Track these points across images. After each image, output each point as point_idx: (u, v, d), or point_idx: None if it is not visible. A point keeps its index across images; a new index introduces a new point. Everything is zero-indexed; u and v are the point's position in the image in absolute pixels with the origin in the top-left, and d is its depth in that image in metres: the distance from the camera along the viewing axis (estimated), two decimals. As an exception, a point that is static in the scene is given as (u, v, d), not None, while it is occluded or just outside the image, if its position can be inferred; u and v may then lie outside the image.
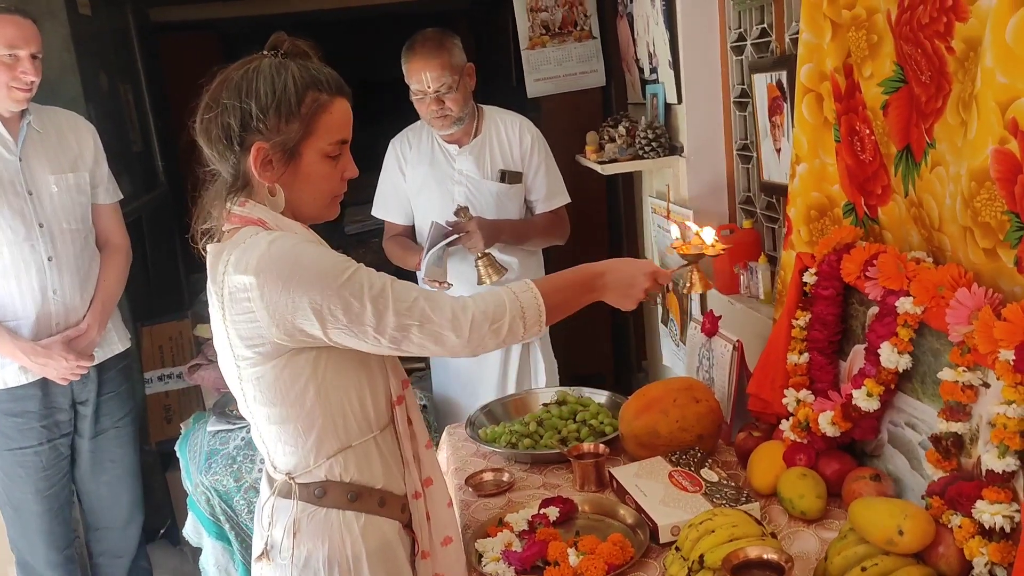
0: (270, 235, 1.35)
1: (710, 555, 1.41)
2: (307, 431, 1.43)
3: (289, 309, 1.32)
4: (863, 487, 1.55)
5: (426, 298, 1.39)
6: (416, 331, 1.37)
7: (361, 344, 1.37)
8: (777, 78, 2.18)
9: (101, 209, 2.62)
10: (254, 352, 1.39)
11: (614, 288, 1.58)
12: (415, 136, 2.72)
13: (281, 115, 1.36)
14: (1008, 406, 1.25)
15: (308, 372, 1.40)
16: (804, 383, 1.77)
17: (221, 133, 1.38)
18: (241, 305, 1.36)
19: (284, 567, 1.46)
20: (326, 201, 1.46)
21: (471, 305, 1.41)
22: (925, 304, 1.49)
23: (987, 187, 1.32)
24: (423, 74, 2.46)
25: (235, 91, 1.37)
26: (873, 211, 1.77)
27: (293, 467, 1.46)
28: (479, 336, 1.41)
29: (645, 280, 1.59)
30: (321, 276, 1.32)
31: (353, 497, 1.45)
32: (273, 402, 1.42)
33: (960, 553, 1.29)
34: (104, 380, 2.65)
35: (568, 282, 1.57)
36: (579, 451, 1.90)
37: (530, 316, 1.45)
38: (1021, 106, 1.22)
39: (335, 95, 1.40)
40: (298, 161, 1.39)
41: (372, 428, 1.48)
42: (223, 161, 1.41)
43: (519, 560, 1.56)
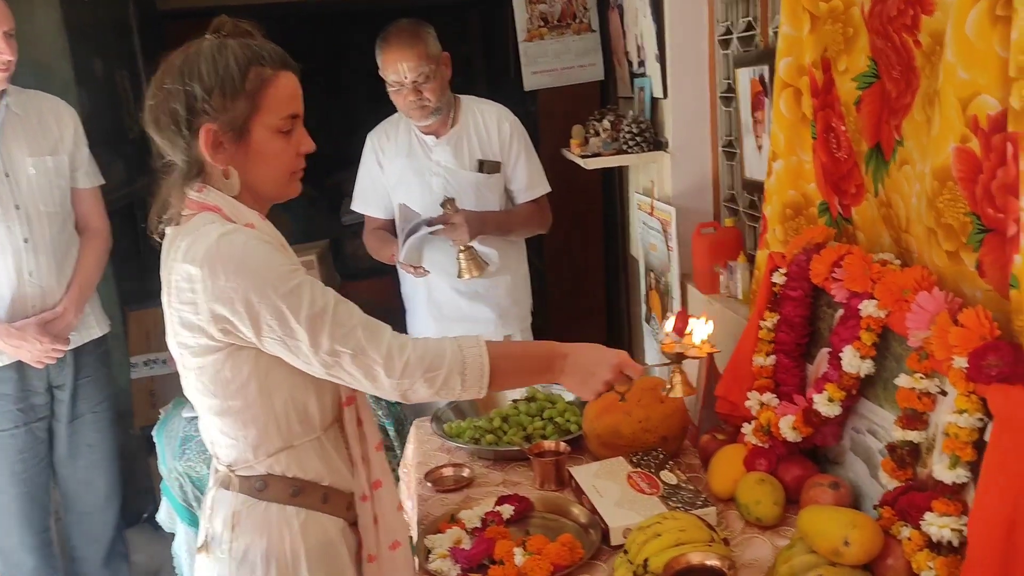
0: (222, 228, 1.32)
1: (654, 559, 1.38)
2: (247, 427, 1.40)
3: (227, 307, 1.29)
4: (820, 494, 1.51)
5: (365, 328, 1.34)
6: (349, 360, 1.32)
7: (293, 359, 1.34)
8: (760, 73, 2.12)
9: (81, 193, 2.61)
10: (196, 342, 1.36)
11: (572, 374, 1.47)
12: (392, 128, 2.68)
13: (226, 94, 1.32)
14: (960, 415, 1.20)
15: (249, 368, 1.37)
16: (769, 386, 1.73)
17: (168, 120, 1.35)
18: (184, 295, 1.33)
19: (222, 560, 1.42)
20: (284, 179, 1.42)
21: (410, 348, 1.36)
22: (889, 308, 1.44)
23: (949, 187, 1.27)
24: (399, 65, 2.43)
25: (177, 75, 1.34)
26: (847, 211, 1.72)
27: (234, 460, 1.43)
28: (410, 381, 1.35)
29: (608, 372, 1.46)
30: (263, 281, 1.29)
31: (295, 492, 1.42)
32: (214, 394, 1.39)
33: (908, 566, 1.25)
34: (81, 364, 2.63)
35: (525, 354, 1.52)
36: (540, 449, 1.86)
37: (471, 374, 1.38)
38: (982, 103, 1.17)
39: (279, 69, 1.37)
40: (249, 139, 1.36)
41: (316, 429, 1.44)
42: (174, 148, 1.38)
43: (465, 558, 1.53)
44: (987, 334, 1.18)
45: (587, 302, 4.24)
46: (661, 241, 2.59)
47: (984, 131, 1.17)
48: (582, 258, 4.18)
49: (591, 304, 4.25)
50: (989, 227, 1.22)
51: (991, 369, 1.14)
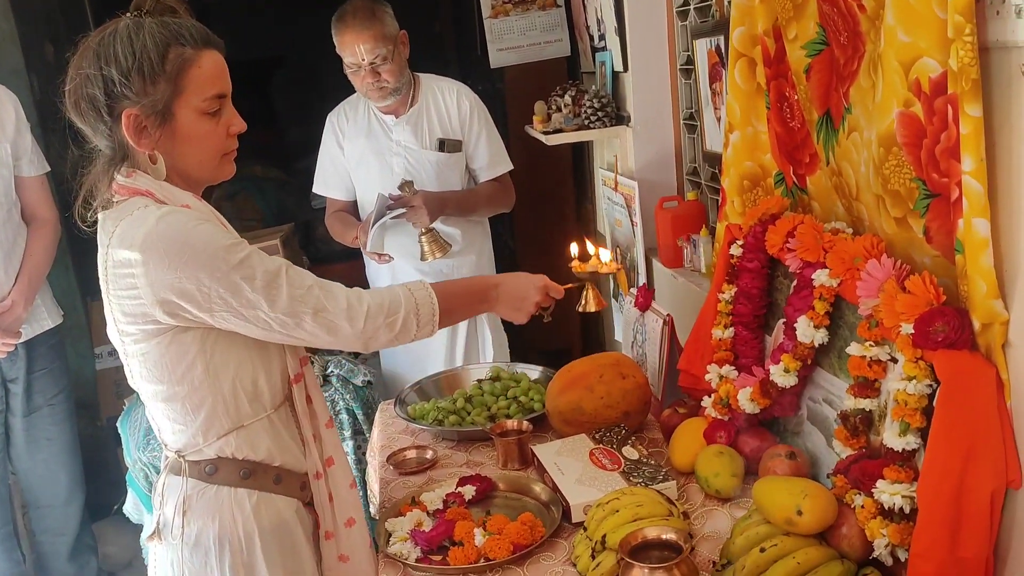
0: (159, 210, 1.29)
1: (612, 535, 1.37)
2: (195, 410, 1.38)
3: (174, 290, 1.27)
4: (778, 465, 1.51)
5: (320, 287, 1.36)
6: (309, 319, 1.34)
7: (250, 328, 1.33)
8: (716, 43, 2.11)
9: (26, 182, 2.55)
10: (138, 328, 1.33)
11: (506, 300, 1.60)
12: (351, 109, 2.66)
13: (145, 76, 1.28)
14: (909, 382, 1.19)
15: (195, 349, 1.34)
16: (728, 358, 1.72)
17: (88, 105, 1.31)
18: (124, 281, 1.30)
19: (174, 546, 1.42)
20: (215, 161, 1.39)
21: (367, 297, 1.40)
22: (841, 276, 1.44)
23: (895, 152, 1.26)
24: (356, 47, 2.40)
25: (94, 58, 1.29)
26: (802, 180, 1.71)
27: (183, 445, 1.41)
28: (373, 328, 1.39)
29: (537, 294, 1.61)
30: (212, 258, 1.27)
31: (246, 474, 1.41)
32: (159, 379, 1.36)
33: (863, 534, 1.25)
34: (34, 357, 2.59)
35: (463, 289, 1.63)
36: (502, 428, 1.85)
37: (424, 314, 1.44)
38: (924, 66, 1.15)
39: (201, 48, 1.33)
40: (173, 122, 1.32)
41: (266, 408, 1.43)
42: (98, 135, 1.34)
43: (425, 540, 1.52)
44: (933, 300, 1.18)
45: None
46: (625, 216, 2.57)
47: (927, 95, 1.16)
48: (554, 235, 4.15)
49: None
50: (935, 192, 1.21)
51: (937, 335, 1.14)
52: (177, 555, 1.42)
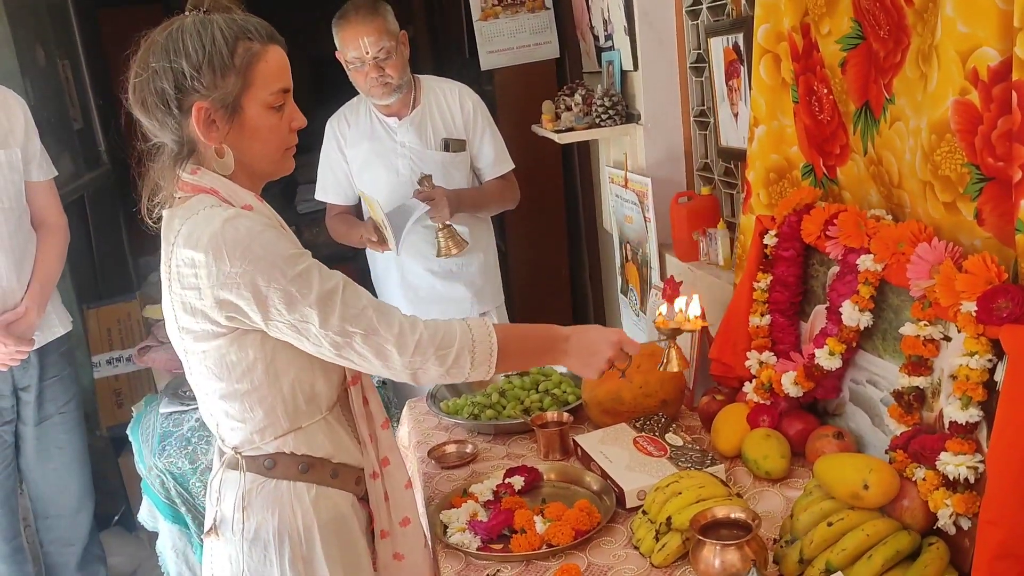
0: (226, 212, 1.30)
1: (677, 516, 1.41)
2: (254, 409, 1.39)
3: (234, 294, 1.28)
4: (826, 445, 1.56)
5: (376, 309, 1.34)
6: (360, 340, 1.32)
7: (302, 342, 1.32)
8: (734, 41, 2.16)
9: (35, 187, 2.51)
10: (199, 327, 1.34)
11: (576, 355, 1.51)
12: (352, 113, 2.65)
13: (215, 70, 1.30)
14: (971, 357, 1.25)
15: (255, 351, 1.35)
16: (766, 345, 1.77)
17: (156, 100, 1.32)
18: (187, 280, 1.31)
19: (234, 541, 1.42)
20: (278, 155, 1.40)
21: (421, 327, 1.37)
22: (885, 261, 1.49)
23: (947, 140, 1.32)
24: (360, 40, 2.40)
25: (163, 53, 1.30)
26: (832, 171, 1.76)
27: (240, 442, 1.42)
28: (422, 359, 1.35)
29: (610, 349, 1.50)
30: (271, 267, 1.27)
31: (304, 468, 1.42)
32: (219, 377, 1.37)
33: (924, 505, 1.29)
34: (46, 365, 2.55)
35: (529, 336, 1.52)
36: (543, 420, 1.87)
37: (480, 353, 1.39)
38: (982, 55, 1.21)
39: (267, 43, 1.34)
40: (242, 116, 1.33)
41: (321, 409, 1.44)
42: (164, 129, 1.35)
43: (485, 529, 1.53)
44: (994, 278, 1.23)
45: (551, 279, 4.26)
46: (637, 213, 2.62)
47: (984, 83, 1.21)
48: (545, 235, 4.19)
49: (555, 281, 4.28)
50: (989, 176, 1.27)
51: (1002, 311, 1.19)
52: (236, 550, 1.43)
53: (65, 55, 3.75)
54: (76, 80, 3.83)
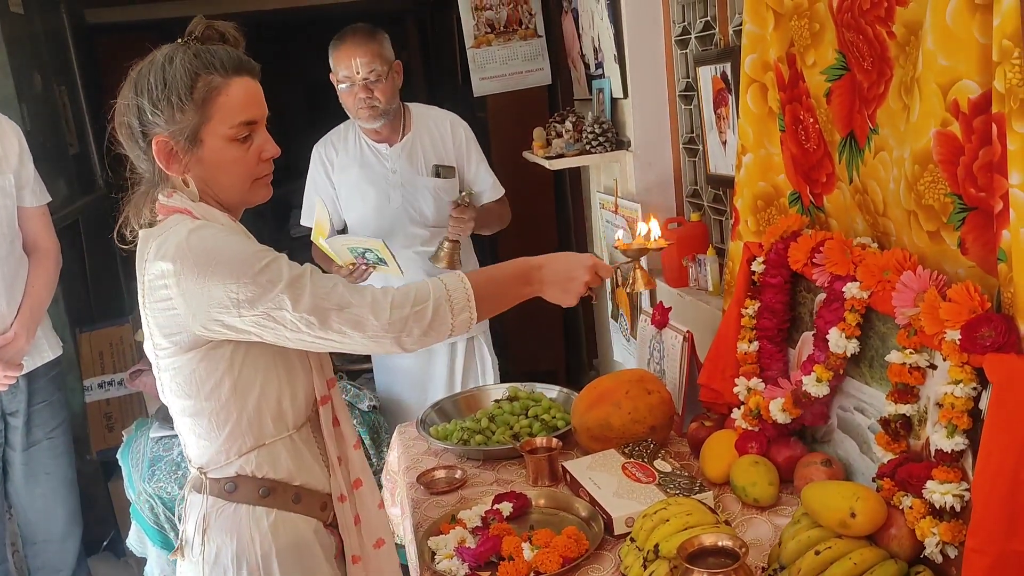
0: (192, 223, 1.34)
1: (665, 544, 1.40)
2: (220, 426, 1.41)
3: (205, 298, 1.30)
4: (814, 472, 1.56)
5: (346, 286, 1.36)
6: (335, 316, 1.32)
7: (280, 334, 1.33)
8: (722, 70, 2.19)
9: (28, 212, 2.52)
10: (171, 342, 1.37)
11: (552, 282, 1.51)
12: (339, 140, 2.67)
13: (173, 105, 1.33)
14: (955, 385, 1.26)
15: (224, 366, 1.38)
16: (754, 371, 1.78)
17: (126, 132, 1.38)
18: (159, 293, 1.34)
19: (196, 564, 1.44)
20: (245, 185, 1.41)
21: (392, 291, 1.38)
22: (871, 288, 1.50)
23: (930, 170, 1.33)
24: (353, 60, 2.44)
25: (131, 88, 1.36)
26: (818, 199, 1.78)
27: (206, 462, 1.44)
28: (401, 317, 1.34)
29: (585, 274, 1.51)
30: (239, 264, 1.29)
31: (265, 493, 1.43)
32: (188, 394, 1.40)
33: (912, 534, 1.30)
34: (34, 390, 2.55)
35: (502, 274, 1.50)
36: (532, 446, 1.87)
37: (457, 301, 1.38)
38: (962, 88, 1.23)
39: (231, 76, 1.36)
40: (202, 148, 1.36)
41: (288, 427, 1.45)
42: (138, 159, 1.41)
43: (473, 556, 1.53)
44: (978, 307, 1.24)
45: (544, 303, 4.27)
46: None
47: (965, 114, 1.23)
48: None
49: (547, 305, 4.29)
50: (971, 206, 1.28)
51: (985, 339, 1.20)
52: (198, 572, 1.45)
53: (62, 81, 3.77)
54: (73, 105, 3.86)
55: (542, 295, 1.53)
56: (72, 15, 4.10)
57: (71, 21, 4.05)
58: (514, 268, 1.51)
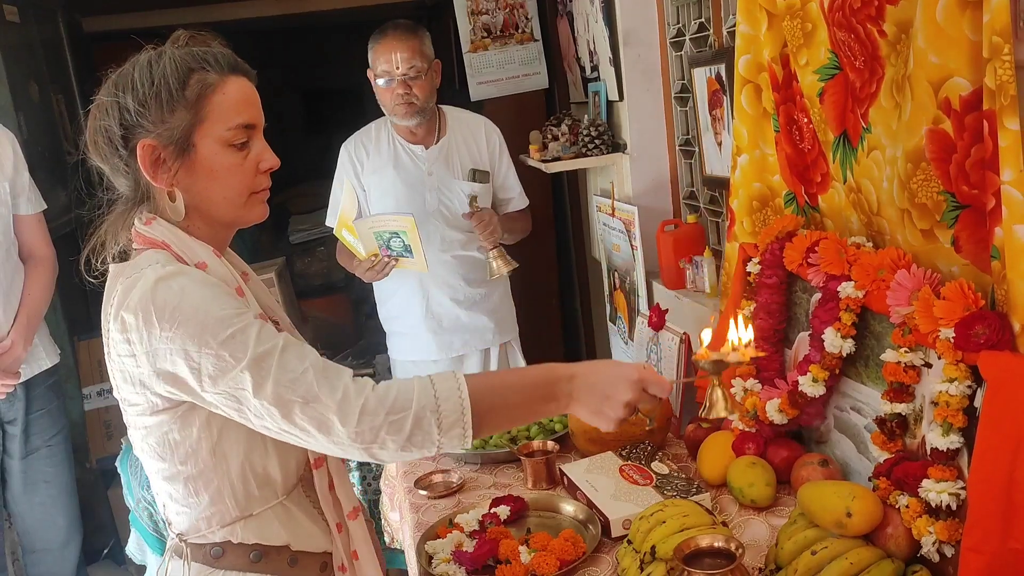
0: (162, 270, 1.16)
1: (661, 545, 1.40)
2: (199, 493, 1.24)
3: (168, 360, 1.13)
4: (811, 473, 1.56)
5: (319, 371, 1.14)
6: (299, 409, 1.12)
7: (244, 415, 1.15)
8: (716, 71, 2.19)
9: (23, 220, 2.52)
10: (139, 399, 1.20)
11: (584, 399, 1.21)
12: (370, 139, 2.60)
13: (162, 103, 1.18)
14: (950, 384, 1.25)
15: (199, 428, 1.21)
16: (751, 372, 1.77)
17: (103, 139, 1.21)
18: (121, 346, 1.17)
19: None
20: (241, 199, 1.24)
21: (370, 387, 1.15)
22: (866, 288, 1.50)
23: (923, 168, 1.33)
24: (393, 55, 2.39)
25: (111, 88, 1.20)
26: (813, 199, 1.78)
27: (185, 529, 1.28)
28: (372, 427, 1.12)
29: (627, 391, 1.20)
30: (202, 328, 1.12)
31: (257, 557, 1.26)
32: (161, 457, 1.23)
33: (908, 533, 1.29)
34: (32, 398, 2.55)
35: (517, 382, 1.23)
36: (529, 449, 1.87)
37: (447, 412, 1.13)
38: (954, 85, 1.23)
39: (227, 74, 1.22)
40: (194, 154, 1.20)
41: (277, 494, 1.28)
42: (115, 173, 1.23)
43: (470, 560, 1.53)
44: (971, 304, 1.24)
45: (543, 307, 4.28)
46: (624, 241, 2.63)
47: (957, 112, 1.23)
48: (536, 263, 4.21)
49: (547, 309, 4.29)
50: (964, 204, 1.28)
51: (979, 337, 1.20)
52: None
53: (59, 89, 3.78)
54: (70, 114, 3.86)
55: (571, 413, 1.25)
56: (69, 24, 4.11)
57: (68, 29, 4.05)
58: (533, 377, 1.22)
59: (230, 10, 5.06)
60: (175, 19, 4.89)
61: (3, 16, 3.17)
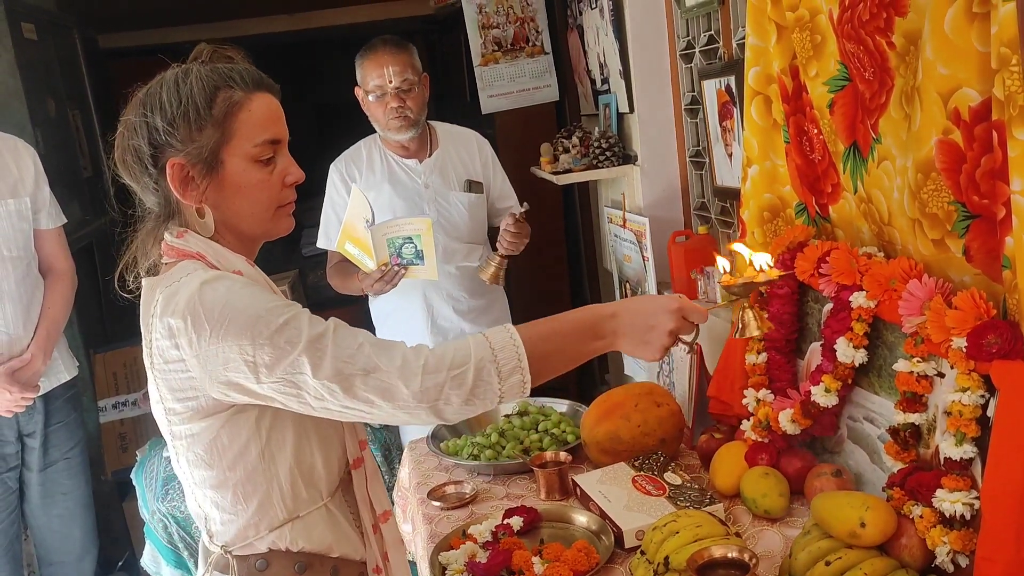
0: (204, 274, 1.19)
1: (675, 556, 1.40)
2: (248, 499, 1.26)
3: (220, 360, 1.15)
4: (825, 483, 1.55)
5: (373, 345, 1.18)
6: (360, 382, 1.15)
7: (302, 402, 1.17)
8: (726, 83, 2.20)
9: (44, 234, 2.55)
10: (186, 407, 1.21)
11: (628, 333, 1.26)
12: (360, 158, 2.60)
13: (191, 122, 1.21)
14: (963, 393, 1.25)
15: (249, 431, 1.23)
16: (763, 383, 1.77)
17: (132, 158, 1.23)
18: (169, 353, 1.19)
19: None
20: (268, 213, 1.28)
21: (427, 351, 1.19)
22: (878, 298, 1.50)
23: (933, 178, 1.34)
24: (385, 69, 2.39)
25: (139, 108, 1.23)
26: (824, 210, 1.79)
27: (231, 539, 1.29)
28: (435, 384, 1.15)
29: (669, 320, 1.26)
30: (253, 321, 1.14)
31: (301, 568, 1.29)
32: (209, 464, 1.24)
33: (923, 543, 1.29)
34: (51, 410, 2.57)
35: (563, 327, 1.26)
36: (542, 460, 1.88)
37: (505, 362, 1.18)
38: (963, 96, 1.24)
39: (253, 91, 1.24)
40: (222, 171, 1.23)
41: (322, 495, 1.31)
42: (145, 190, 1.26)
43: (483, 571, 1.53)
44: (983, 314, 1.24)
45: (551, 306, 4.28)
46: (636, 252, 2.64)
47: (966, 122, 1.24)
48: (548, 274, 4.23)
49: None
50: (975, 213, 1.28)
51: (991, 347, 1.20)
52: None
53: (76, 105, 3.83)
54: (86, 129, 3.91)
55: (618, 348, 1.29)
56: (85, 41, 4.16)
57: (84, 46, 4.11)
58: (578, 319, 1.27)
59: (243, 26, 5.12)
60: (191, 36, 4.95)
61: (21, 33, 3.22)
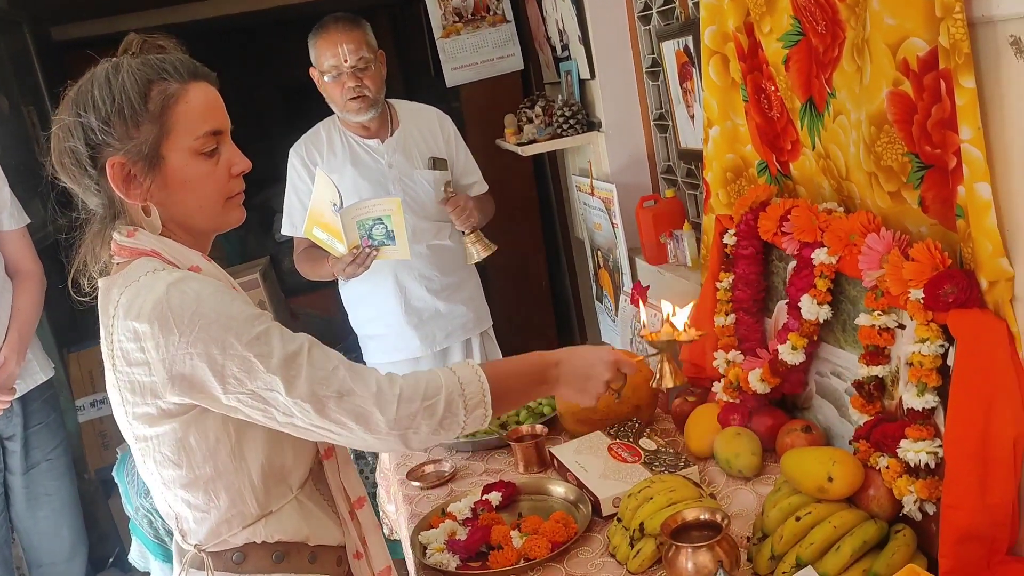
0: (170, 275, 1.16)
1: (649, 522, 1.42)
2: (219, 497, 1.24)
3: (187, 368, 1.13)
4: (795, 439, 1.57)
5: (348, 368, 1.20)
6: (334, 404, 1.17)
7: (268, 416, 1.17)
8: (684, 44, 2.18)
9: (7, 235, 2.51)
10: (152, 408, 1.18)
11: (568, 380, 1.37)
12: (320, 141, 2.54)
13: (126, 119, 1.16)
14: (923, 344, 1.26)
15: (218, 430, 1.21)
16: (733, 344, 1.78)
17: (70, 160, 1.19)
18: (133, 355, 1.15)
19: None
20: (218, 207, 1.25)
21: (399, 380, 1.22)
22: (839, 253, 1.50)
23: (886, 130, 1.33)
24: (340, 47, 2.32)
25: (71, 107, 1.18)
26: (785, 167, 1.78)
27: (204, 537, 1.26)
28: (409, 413, 1.19)
29: (605, 371, 1.38)
30: (226, 331, 1.13)
31: (279, 558, 1.27)
32: (177, 463, 1.21)
33: (890, 493, 1.31)
34: (29, 412, 2.55)
35: (517, 370, 1.36)
36: (519, 434, 1.88)
37: (471, 396, 1.24)
38: (911, 46, 1.23)
39: (188, 81, 1.20)
40: (164, 167, 1.19)
41: (292, 489, 1.30)
42: (87, 192, 1.22)
43: (463, 548, 1.54)
44: (939, 264, 1.25)
45: (533, 290, 4.28)
46: (605, 219, 2.63)
47: (915, 72, 1.23)
48: (524, 247, 4.21)
49: (537, 291, 4.29)
50: (928, 164, 1.28)
51: (948, 296, 1.21)
52: None
53: (31, 102, 3.75)
54: (43, 125, 3.84)
55: (557, 394, 1.41)
56: (37, 35, 4.07)
57: (36, 41, 4.02)
58: (530, 364, 1.37)
59: (199, 9, 5.01)
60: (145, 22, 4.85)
61: (-32, 31, 3.15)
